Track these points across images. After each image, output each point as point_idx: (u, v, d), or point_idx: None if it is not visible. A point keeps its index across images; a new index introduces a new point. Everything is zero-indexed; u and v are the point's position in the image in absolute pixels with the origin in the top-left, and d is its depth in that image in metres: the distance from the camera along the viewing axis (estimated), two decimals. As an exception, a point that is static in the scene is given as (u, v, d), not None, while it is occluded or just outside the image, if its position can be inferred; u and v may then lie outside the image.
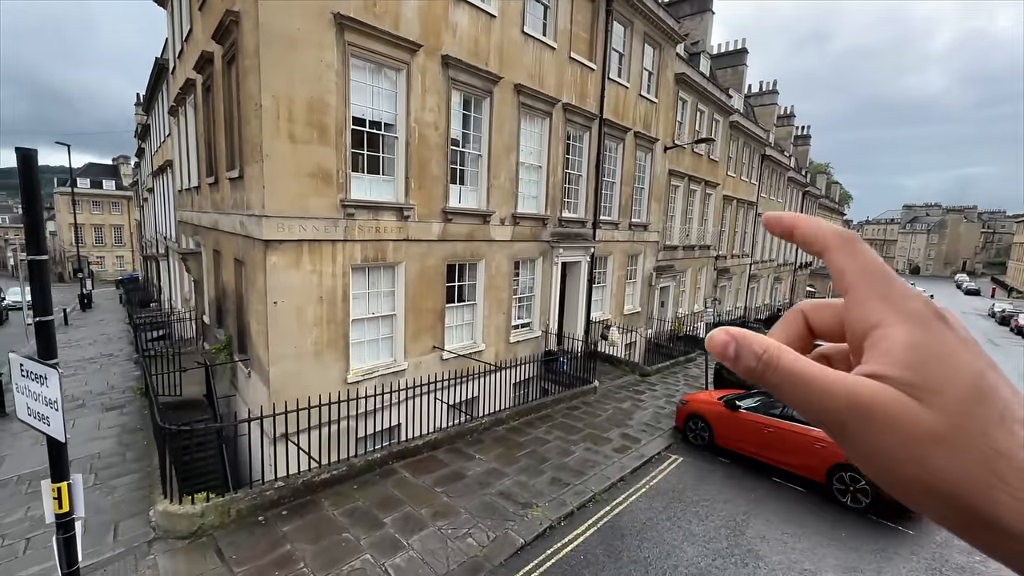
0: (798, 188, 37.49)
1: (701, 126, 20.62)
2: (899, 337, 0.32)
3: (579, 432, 9.26)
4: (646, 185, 17.27)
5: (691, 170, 20.11)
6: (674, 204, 19.71)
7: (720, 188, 23.04)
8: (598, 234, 14.93)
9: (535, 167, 12.49)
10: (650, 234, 17.84)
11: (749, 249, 28.56)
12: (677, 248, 20.08)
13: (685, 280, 21.76)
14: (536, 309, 13.19)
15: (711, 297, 24.16)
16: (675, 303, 21.06)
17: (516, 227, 11.90)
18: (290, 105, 7.48)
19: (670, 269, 19.55)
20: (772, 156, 29.31)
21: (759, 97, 34.42)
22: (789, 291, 40.33)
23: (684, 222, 20.41)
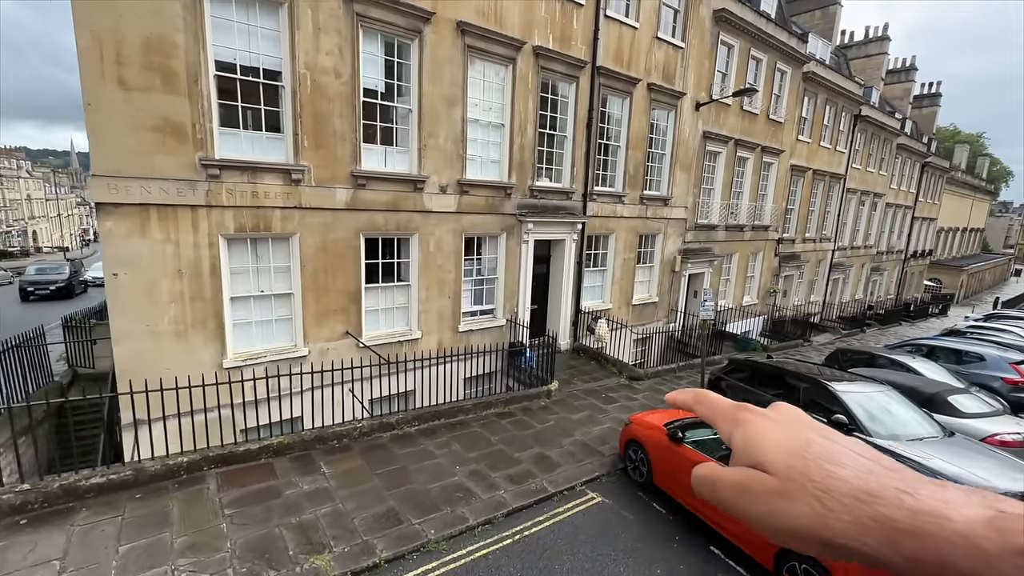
0: (916, 159, 30.46)
1: (757, 78, 16.82)
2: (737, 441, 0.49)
3: (484, 449, 7.45)
4: (667, 150, 14.32)
5: (740, 133, 16.52)
6: (713, 174, 16.36)
7: (785, 156, 18.90)
8: (591, 208, 12.55)
9: (494, 125, 10.51)
10: (673, 210, 14.89)
11: (832, 232, 23.59)
12: (717, 228, 16.75)
13: (730, 267, 18.27)
14: (499, 294, 11.34)
15: (771, 289, 20.23)
16: (716, 293, 17.75)
17: (464, 196, 10.10)
18: (118, 45, 6.42)
19: (705, 252, 16.36)
20: (871, 117, 23.72)
21: (863, 46, 28.21)
22: (897, 285, 33.40)
23: (729, 197, 16.94)
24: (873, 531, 0.39)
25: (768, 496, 0.44)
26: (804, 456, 0.44)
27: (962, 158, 56.69)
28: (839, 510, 0.40)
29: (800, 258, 21.67)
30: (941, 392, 8.02)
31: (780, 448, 0.45)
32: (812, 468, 0.43)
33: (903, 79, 32.08)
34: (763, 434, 0.47)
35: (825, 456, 0.43)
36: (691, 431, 6.33)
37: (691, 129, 14.76)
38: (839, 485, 0.41)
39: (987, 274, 59.40)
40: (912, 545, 0.38)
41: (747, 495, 0.46)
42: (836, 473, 0.42)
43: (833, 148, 21.88)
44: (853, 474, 0.42)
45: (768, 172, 18.66)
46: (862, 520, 0.40)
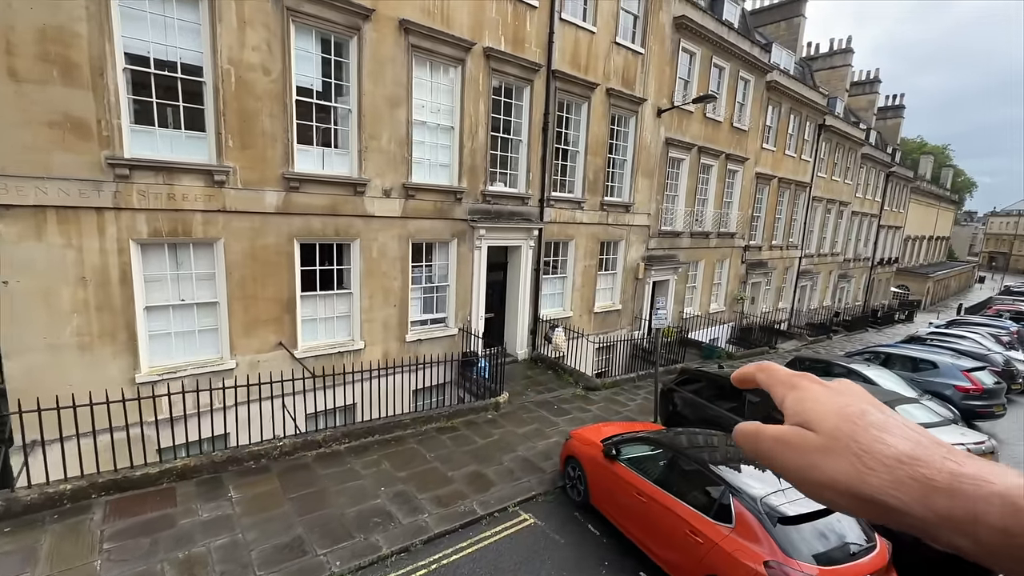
0: (880, 168, 31.14)
1: (720, 86, 16.88)
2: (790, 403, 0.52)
3: (416, 467, 7.02)
4: (629, 156, 14.17)
5: (703, 140, 16.50)
6: (677, 181, 16.29)
7: (750, 163, 19.00)
8: (549, 213, 12.28)
9: (444, 128, 10.17)
10: (635, 216, 14.73)
11: (798, 240, 23.82)
12: (681, 235, 16.66)
13: (696, 274, 18.20)
14: (451, 302, 10.94)
15: (738, 296, 20.25)
16: (681, 300, 17.65)
17: (410, 201, 9.71)
18: (7, 33, 5.90)
19: (669, 260, 16.24)
20: (835, 127, 24.12)
21: (828, 58, 28.81)
22: (865, 292, 33.99)
23: (693, 204, 16.89)
24: (909, 488, 0.42)
25: (810, 451, 0.47)
26: (855, 422, 0.46)
27: (927, 169, 58.50)
28: (879, 469, 0.43)
29: (767, 265, 21.79)
30: (889, 402, 7.86)
31: (832, 411, 0.48)
32: (860, 432, 0.46)
33: (867, 91, 32.87)
34: (817, 398, 0.50)
35: (877, 425, 0.46)
36: (627, 447, 6.01)
37: (653, 135, 14.66)
38: (884, 449, 0.44)
39: (952, 281, 61.17)
40: (946, 503, 0.40)
41: (788, 448, 0.49)
42: (883, 439, 0.45)
43: (798, 157, 22.14)
44: (900, 442, 0.44)
45: (733, 180, 18.72)
46: (901, 479, 0.42)
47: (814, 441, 0.47)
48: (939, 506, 0.41)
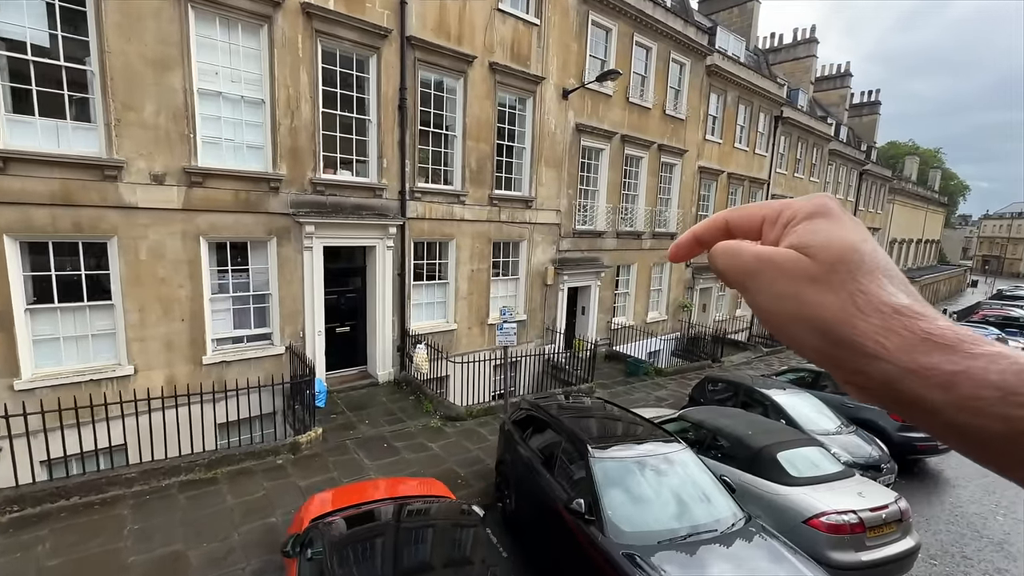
0: (852, 166, 29.33)
1: (648, 68, 15.05)
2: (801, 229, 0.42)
3: (88, 550, 5.02)
4: (527, 143, 12.29)
5: (628, 128, 14.65)
6: (595, 174, 14.41)
7: (691, 156, 17.13)
8: (413, 208, 10.37)
9: (250, 102, 8.28)
10: (539, 213, 12.81)
11: (757, 241, 21.89)
12: (604, 235, 14.74)
13: (628, 279, 16.26)
14: (275, 314, 8.98)
15: (683, 304, 18.29)
16: (609, 309, 15.70)
17: (196, 189, 7.79)
18: None
19: (589, 263, 14.31)
20: (794, 119, 22.31)
21: (792, 49, 27.13)
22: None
23: (618, 200, 14.99)
24: (899, 338, 0.37)
25: (798, 278, 0.41)
26: (863, 260, 0.40)
27: (913, 170, 56.95)
28: (872, 314, 0.38)
29: (719, 269, 19.82)
30: (770, 447, 5.88)
31: (841, 240, 0.41)
32: (865, 272, 0.39)
33: (838, 85, 31.17)
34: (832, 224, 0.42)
35: (884, 269, 0.40)
36: (318, 536, 4.00)
37: (559, 121, 12.79)
38: (884, 296, 0.38)
39: (942, 285, 59.15)
40: (940, 357, 0.36)
41: (775, 270, 0.42)
42: (887, 287, 0.39)
43: (751, 151, 20.29)
44: (903, 295, 0.39)
45: (671, 174, 16.85)
46: (893, 327, 0.37)
47: (808, 268, 0.41)
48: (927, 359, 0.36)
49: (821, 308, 0.39)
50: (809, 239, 0.41)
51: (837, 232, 0.41)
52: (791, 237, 0.43)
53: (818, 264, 0.40)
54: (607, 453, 4.86)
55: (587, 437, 5.13)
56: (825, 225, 0.42)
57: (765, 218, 0.46)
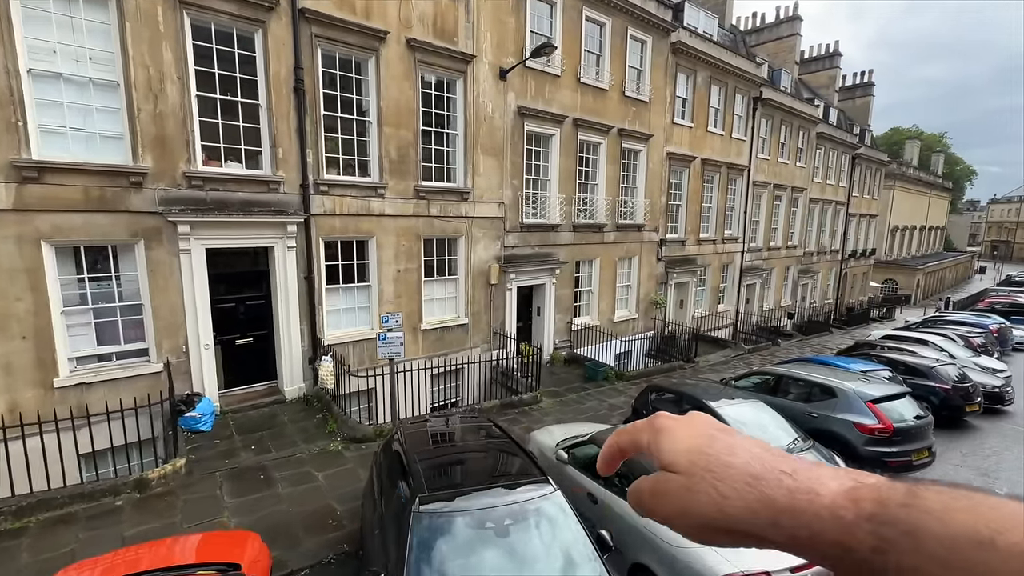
0: (844, 150, 27.88)
1: (602, 46, 13.85)
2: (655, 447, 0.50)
3: None
4: (459, 129, 11.15)
5: (581, 111, 13.45)
6: (545, 162, 13.22)
7: (657, 141, 15.90)
8: (320, 203, 9.25)
9: (103, 84, 7.19)
10: (478, 206, 11.66)
11: (738, 231, 20.61)
12: (558, 228, 13.56)
13: (591, 275, 15.06)
14: (150, 327, 7.90)
15: (655, 300, 17.06)
16: (568, 309, 14.52)
17: (31, 186, 6.72)
18: None
19: (541, 259, 13.15)
20: (775, 100, 20.98)
21: (774, 28, 25.78)
22: (836, 289, 30.58)
23: (574, 190, 13.80)
24: (760, 514, 0.42)
25: (677, 492, 0.47)
26: (705, 452, 0.47)
27: (914, 154, 55.16)
28: (732, 496, 0.44)
29: (695, 262, 18.58)
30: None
31: (685, 447, 0.48)
32: (712, 460, 0.46)
33: (826, 66, 29.71)
34: (672, 437, 0.50)
35: (723, 449, 0.47)
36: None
37: (496, 104, 11.62)
38: (732, 473, 0.45)
39: (947, 273, 57.36)
40: (790, 523, 0.41)
41: (661, 496, 0.48)
42: (730, 462, 0.45)
43: (728, 135, 19.00)
44: (743, 461, 0.45)
45: (635, 160, 15.62)
46: (751, 504, 0.43)
47: (678, 482, 0.47)
48: (785, 528, 0.41)
49: (701, 508, 0.45)
50: (666, 457, 0.49)
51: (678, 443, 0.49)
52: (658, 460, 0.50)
53: (681, 476, 0.47)
54: (436, 507, 3.70)
55: (420, 481, 3.99)
56: (666, 442, 0.49)
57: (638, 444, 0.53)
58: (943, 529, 0.34)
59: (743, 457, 0.46)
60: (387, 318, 7.39)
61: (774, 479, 0.43)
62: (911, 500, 0.36)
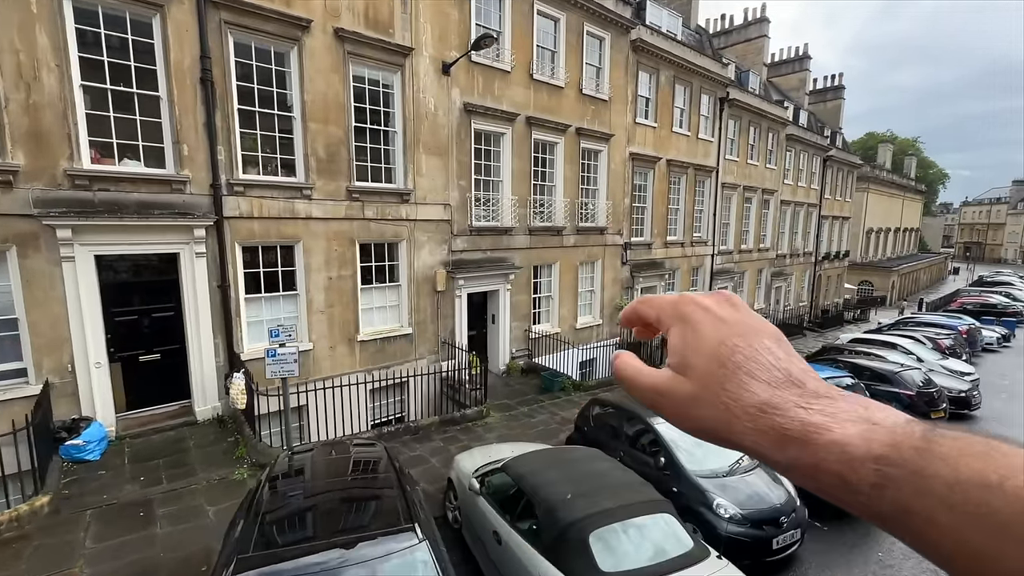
0: (815, 152, 27.83)
1: (555, 42, 13.32)
2: (673, 339, 0.49)
3: None
4: (398, 126, 10.47)
5: (534, 109, 12.88)
6: (497, 162, 12.60)
7: (619, 141, 15.40)
8: (235, 204, 8.47)
9: (-40, 70, 6.37)
10: (421, 208, 10.97)
11: (708, 234, 20.21)
12: (512, 231, 12.91)
13: (550, 280, 14.42)
14: (26, 344, 7.03)
15: (621, 305, 16.48)
16: (526, 316, 13.86)
17: None
18: None
19: (493, 264, 12.48)
20: (741, 101, 20.70)
21: (743, 30, 25.66)
22: (810, 291, 30.46)
23: (529, 191, 13.18)
24: (767, 436, 0.42)
25: (683, 401, 0.47)
26: (725, 365, 0.45)
27: (887, 158, 55.96)
28: (743, 417, 0.43)
29: (663, 265, 18.09)
30: (582, 522, 4.01)
31: (705, 353, 0.46)
32: (729, 378, 0.44)
33: (796, 68, 29.74)
34: (695, 334, 0.47)
35: (744, 366, 0.45)
36: None
37: (440, 100, 10.97)
38: (748, 396, 0.43)
39: (922, 274, 58.11)
40: (796, 451, 0.41)
41: (663, 398, 0.48)
42: (748, 385, 0.44)
43: (694, 135, 18.61)
44: (763, 387, 0.44)
45: (595, 161, 15.09)
46: (760, 427, 0.43)
47: (687, 390, 0.47)
48: (790, 453, 0.42)
49: (707, 421, 0.46)
50: (679, 359, 0.47)
51: (700, 345, 0.47)
52: (670, 357, 0.49)
53: (692, 383, 0.46)
54: (257, 573, 2.96)
55: (250, 536, 3.24)
56: (690, 338, 0.47)
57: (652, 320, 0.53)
58: (952, 473, 0.34)
59: (763, 382, 0.44)
60: (276, 332, 6.63)
61: (789, 409, 0.42)
62: (924, 444, 0.36)
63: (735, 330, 0.46)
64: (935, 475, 0.34)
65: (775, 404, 0.42)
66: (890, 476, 0.36)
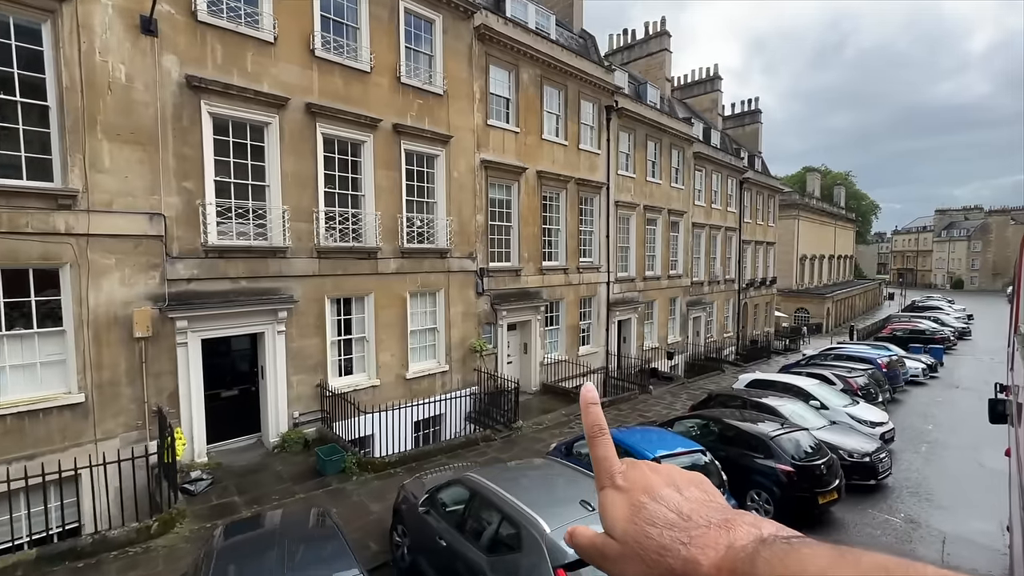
0: (728, 173, 26.25)
1: (356, 17, 10.51)
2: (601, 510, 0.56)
3: None
4: (52, 96, 7.15)
5: (321, 95, 9.90)
6: (261, 160, 9.40)
7: (462, 145, 12.59)
8: None
9: None
10: (103, 217, 7.55)
11: (599, 258, 17.54)
12: (284, 253, 9.61)
13: (364, 316, 11.10)
14: None
15: (477, 347, 13.25)
16: (315, 368, 10.41)
17: None
18: None
19: (254, 297, 9.08)
20: (633, 111, 18.61)
21: (644, 44, 24.20)
22: (735, 321, 28.36)
23: (314, 200, 9.99)
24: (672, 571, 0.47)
25: (615, 559, 0.52)
26: (634, 522, 0.52)
27: (815, 186, 56.85)
28: (652, 565, 0.48)
29: (539, 296, 15.14)
30: None
31: (622, 518, 0.53)
32: (639, 532, 0.51)
33: (708, 89, 28.64)
34: (612, 507, 0.55)
35: (647, 519, 0.51)
36: None
37: (137, 67, 7.79)
38: (651, 543, 0.49)
39: (858, 300, 58.35)
40: None
41: (604, 560, 0.54)
42: (650, 533, 0.50)
43: (574, 146, 16.17)
44: (658, 532, 0.50)
45: (431, 168, 12.17)
46: (661, 571, 0.48)
47: (616, 550, 0.52)
48: None
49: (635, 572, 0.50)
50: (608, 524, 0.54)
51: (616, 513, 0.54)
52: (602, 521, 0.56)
53: (618, 544, 0.52)
54: None
55: None
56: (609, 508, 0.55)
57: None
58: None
59: (659, 527, 0.50)
60: None
61: (674, 549, 0.47)
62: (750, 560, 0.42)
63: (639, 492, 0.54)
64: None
65: (666, 546, 0.48)
66: None
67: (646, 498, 0.53)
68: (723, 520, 0.48)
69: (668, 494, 0.53)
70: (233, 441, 9.56)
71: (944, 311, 44.04)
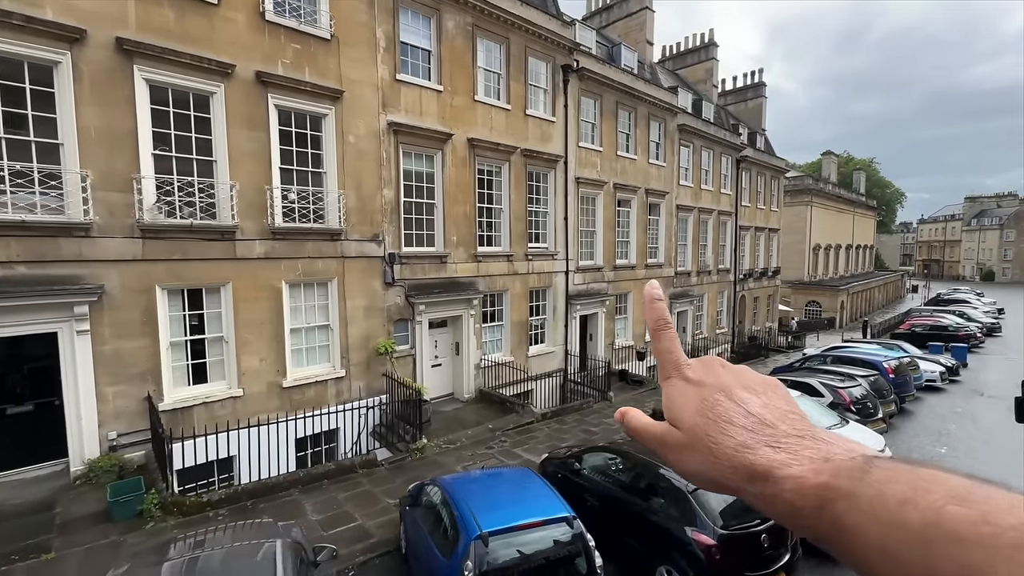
0: (721, 150, 23.42)
1: None
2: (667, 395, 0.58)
3: None
4: None
5: (136, 27, 7.72)
6: (55, 113, 7.29)
7: (362, 103, 10.33)
8: None
9: None
10: None
11: (556, 245, 15.12)
12: (84, 230, 7.52)
13: (221, 312, 8.98)
14: None
15: (384, 349, 11.04)
16: (139, 378, 8.34)
17: None
18: None
19: (33, 289, 7.01)
20: (597, 73, 16.01)
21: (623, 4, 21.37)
22: (730, 315, 25.61)
23: (149, 167, 7.87)
24: (739, 472, 0.49)
25: (679, 448, 0.54)
26: (707, 416, 0.53)
27: (832, 171, 53.05)
28: (723, 459, 0.50)
29: (472, 286, 12.84)
30: None
31: (690, 409, 0.54)
32: (711, 427, 0.52)
33: (702, 58, 25.68)
34: (681, 397, 0.56)
35: (724, 416, 0.52)
36: None
37: None
38: (727, 440, 0.50)
39: (876, 292, 54.42)
40: (760, 486, 0.48)
41: (664, 447, 0.56)
42: (728, 430, 0.51)
43: (520, 111, 13.73)
44: (739, 431, 0.51)
45: (317, 130, 9.95)
46: (735, 465, 0.49)
47: (679, 440, 0.54)
48: (756, 487, 0.48)
49: (696, 466, 0.53)
50: (673, 414, 0.56)
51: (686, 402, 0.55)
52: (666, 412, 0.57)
53: (683, 434, 0.54)
54: None
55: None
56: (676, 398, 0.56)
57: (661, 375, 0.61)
58: (877, 493, 0.40)
59: (739, 427, 0.51)
60: None
61: (759, 447, 0.49)
62: (860, 474, 0.42)
63: (712, 386, 0.55)
64: (864, 496, 0.40)
65: (748, 444, 0.49)
66: (828, 499, 0.43)
67: (721, 396, 0.54)
68: (812, 432, 0.50)
69: (746, 396, 0.53)
70: (26, 470, 7.57)
71: (971, 304, 40.36)
